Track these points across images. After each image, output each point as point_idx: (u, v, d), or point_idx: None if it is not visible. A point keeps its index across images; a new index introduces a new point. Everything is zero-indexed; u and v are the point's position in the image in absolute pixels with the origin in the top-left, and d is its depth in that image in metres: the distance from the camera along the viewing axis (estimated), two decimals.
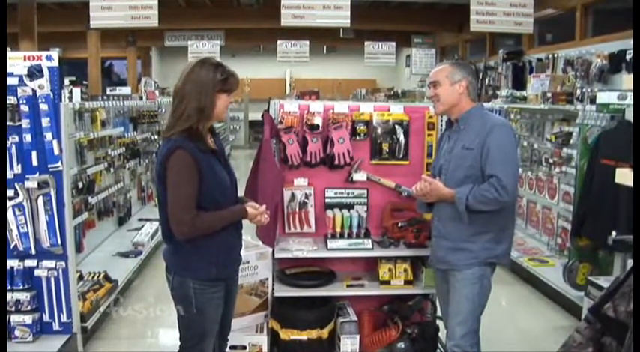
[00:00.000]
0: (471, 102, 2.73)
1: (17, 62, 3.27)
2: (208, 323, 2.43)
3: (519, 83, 8.32)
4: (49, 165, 3.33)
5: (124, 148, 5.88)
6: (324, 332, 3.15)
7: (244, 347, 3.20)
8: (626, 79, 4.93)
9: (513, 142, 2.69)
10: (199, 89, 2.30)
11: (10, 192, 3.28)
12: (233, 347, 3.13)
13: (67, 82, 6.56)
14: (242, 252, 3.19)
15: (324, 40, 13.74)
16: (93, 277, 4.21)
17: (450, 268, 2.76)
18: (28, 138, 3.30)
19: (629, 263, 3.02)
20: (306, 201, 3.35)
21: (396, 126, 3.34)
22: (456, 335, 2.69)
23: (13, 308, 3.33)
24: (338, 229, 3.24)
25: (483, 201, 2.56)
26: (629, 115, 3.91)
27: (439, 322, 3.29)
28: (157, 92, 8.10)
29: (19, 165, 3.33)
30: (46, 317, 3.44)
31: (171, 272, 2.42)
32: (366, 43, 11.73)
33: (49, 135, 3.30)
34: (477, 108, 2.73)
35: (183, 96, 2.31)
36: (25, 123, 3.29)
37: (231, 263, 2.52)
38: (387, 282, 3.25)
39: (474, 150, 2.62)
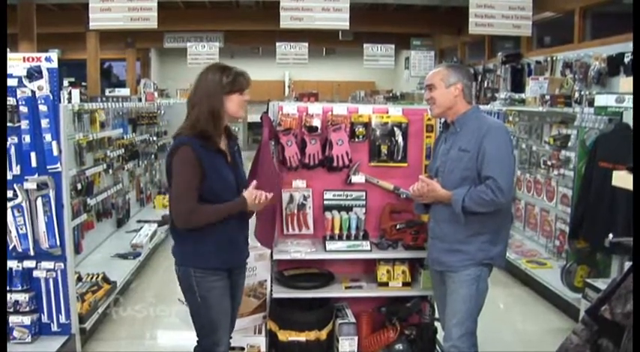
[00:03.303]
0: (467, 105, 2.74)
1: (16, 63, 3.28)
2: (215, 313, 2.51)
3: (518, 86, 8.33)
4: (48, 166, 3.33)
5: (122, 150, 5.89)
6: (323, 334, 3.16)
7: (242, 349, 3.20)
8: (624, 82, 4.96)
9: (509, 144, 2.70)
10: (207, 94, 2.45)
11: (9, 193, 3.28)
12: (232, 348, 3.12)
13: (65, 83, 6.57)
14: None
15: (323, 42, 13.78)
16: (91, 278, 4.21)
17: (446, 269, 2.77)
18: (27, 139, 3.31)
19: (627, 265, 3.03)
20: (304, 202, 3.35)
21: (395, 129, 3.34)
22: (453, 336, 2.69)
23: (11, 309, 3.33)
24: (336, 231, 3.24)
25: (480, 203, 2.57)
26: (627, 118, 3.92)
27: (437, 324, 3.29)
28: (155, 93, 8.12)
29: (18, 166, 3.33)
30: (44, 318, 3.44)
31: (177, 264, 2.53)
32: (365, 45, 11.76)
33: (48, 137, 3.30)
34: (472, 111, 2.75)
35: (195, 103, 2.47)
36: (24, 124, 3.30)
37: (232, 254, 2.57)
38: (385, 284, 3.26)
39: (469, 152, 2.63)
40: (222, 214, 2.45)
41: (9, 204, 3.29)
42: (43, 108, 3.29)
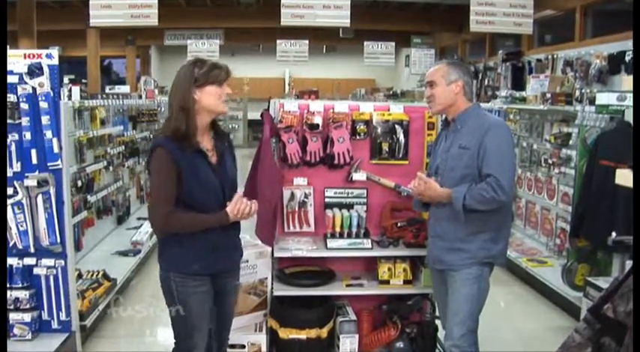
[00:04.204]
0: (467, 102, 2.73)
1: (17, 60, 3.26)
2: (194, 318, 2.44)
3: (518, 84, 8.33)
4: (49, 164, 3.33)
5: (123, 147, 5.88)
6: (323, 332, 3.15)
7: (243, 346, 3.20)
8: (626, 80, 4.95)
9: (510, 142, 2.70)
10: (178, 89, 2.35)
11: (9, 190, 3.28)
12: (232, 346, 3.13)
13: (65, 80, 6.56)
14: None
15: (323, 39, 13.76)
16: (92, 276, 4.21)
17: (446, 268, 2.75)
18: (27, 136, 3.30)
19: (628, 264, 3.03)
20: (305, 200, 3.35)
21: (396, 126, 3.34)
22: (455, 335, 2.68)
23: (11, 307, 3.33)
24: (337, 229, 3.24)
25: (481, 201, 2.56)
26: (629, 116, 3.91)
27: (438, 322, 3.29)
28: (156, 91, 8.10)
29: (19, 163, 3.32)
30: (44, 316, 3.44)
31: (160, 268, 2.48)
32: (365, 43, 11.73)
33: (48, 134, 3.29)
34: (473, 108, 2.73)
35: (170, 100, 2.39)
36: (24, 121, 3.29)
37: (216, 260, 2.46)
38: (386, 282, 3.25)
39: (470, 149, 2.62)
40: (199, 225, 2.36)
41: (9, 201, 3.28)
42: (43, 105, 3.28)
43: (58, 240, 3.38)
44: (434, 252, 2.83)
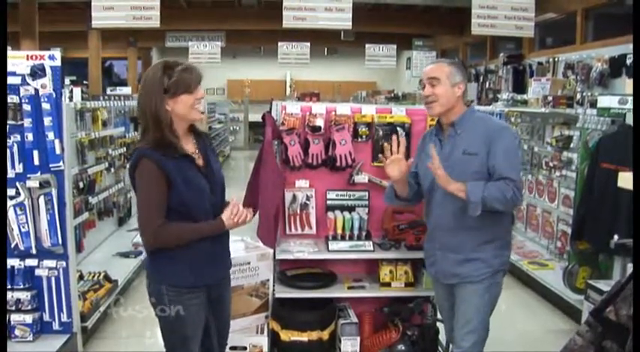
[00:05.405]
0: (464, 107, 2.62)
1: (20, 61, 3.27)
2: (190, 328, 2.35)
3: (520, 86, 8.34)
4: (51, 165, 3.33)
5: (124, 148, 5.87)
6: (325, 334, 3.15)
7: (245, 348, 3.19)
8: (629, 84, 4.95)
9: (517, 145, 2.62)
10: (148, 97, 2.21)
11: (11, 191, 3.28)
12: (233, 348, 3.13)
13: (67, 81, 6.57)
14: (243, 253, 3.22)
15: (324, 42, 13.79)
16: (93, 277, 4.21)
17: (461, 281, 2.62)
18: (29, 137, 3.30)
19: (629, 266, 3.03)
20: (307, 202, 3.35)
21: (398, 129, 3.33)
22: (465, 344, 2.60)
23: (13, 308, 3.33)
24: (339, 231, 3.23)
25: (501, 200, 2.39)
26: (630, 119, 3.91)
27: (439, 324, 3.29)
28: None
29: (21, 164, 3.33)
30: (46, 317, 3.44)
31: (148, 279, 2.38)
32: (366, 46, 11.76)
33: (50, 135, 3.30)
34: (471, 111, 2.63)
35: (140, 107, 2.25)
36: (27, 122, 3.29)
37: (210, 271, 2.37)
38: (388, 284, 3.25)
39: (478, 155, 2.49)
40: (194, 236, 2.25)
41: (11, 203, 3.28)
42: (46, 106, 3.28)
43: (60, 242, 3.39)
44: (445, 266, 2.66)
